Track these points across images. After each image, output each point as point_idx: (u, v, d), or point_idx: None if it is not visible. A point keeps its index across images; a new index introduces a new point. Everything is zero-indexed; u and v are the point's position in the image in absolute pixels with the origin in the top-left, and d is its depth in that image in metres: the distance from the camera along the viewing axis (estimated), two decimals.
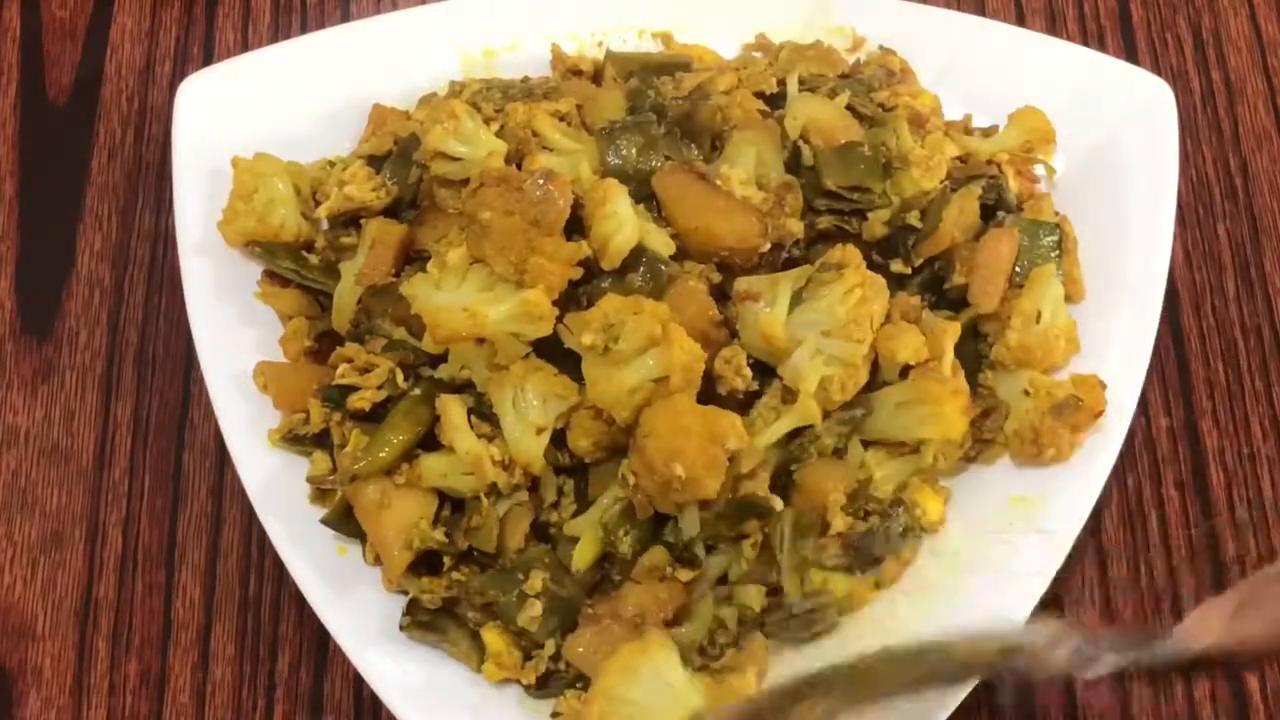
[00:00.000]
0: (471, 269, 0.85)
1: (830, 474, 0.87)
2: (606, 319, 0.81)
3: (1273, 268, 1.06)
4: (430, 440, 0.87)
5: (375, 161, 0.96)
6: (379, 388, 0.88)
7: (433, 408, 0.87)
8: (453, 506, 0.88)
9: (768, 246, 0.88)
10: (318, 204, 0.95)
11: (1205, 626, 0.72)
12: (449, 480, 0.86)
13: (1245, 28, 1.15)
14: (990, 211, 0.96)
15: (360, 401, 0.88)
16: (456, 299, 0.84)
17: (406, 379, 0.88)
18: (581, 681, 0.85)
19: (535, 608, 0.85)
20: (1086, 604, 0.94)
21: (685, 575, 0.86)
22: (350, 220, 0.95)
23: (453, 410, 0.86)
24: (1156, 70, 1.08)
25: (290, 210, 0.95)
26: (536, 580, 0.85)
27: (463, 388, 0.88)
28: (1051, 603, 0.87)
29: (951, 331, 0.89)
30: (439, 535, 0.86)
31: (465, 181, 0.89)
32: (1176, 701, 0.93)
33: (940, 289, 0.93)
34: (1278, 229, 1.08)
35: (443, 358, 0.88)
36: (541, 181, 0.84)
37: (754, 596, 0.86)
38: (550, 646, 0.85)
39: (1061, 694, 0.92)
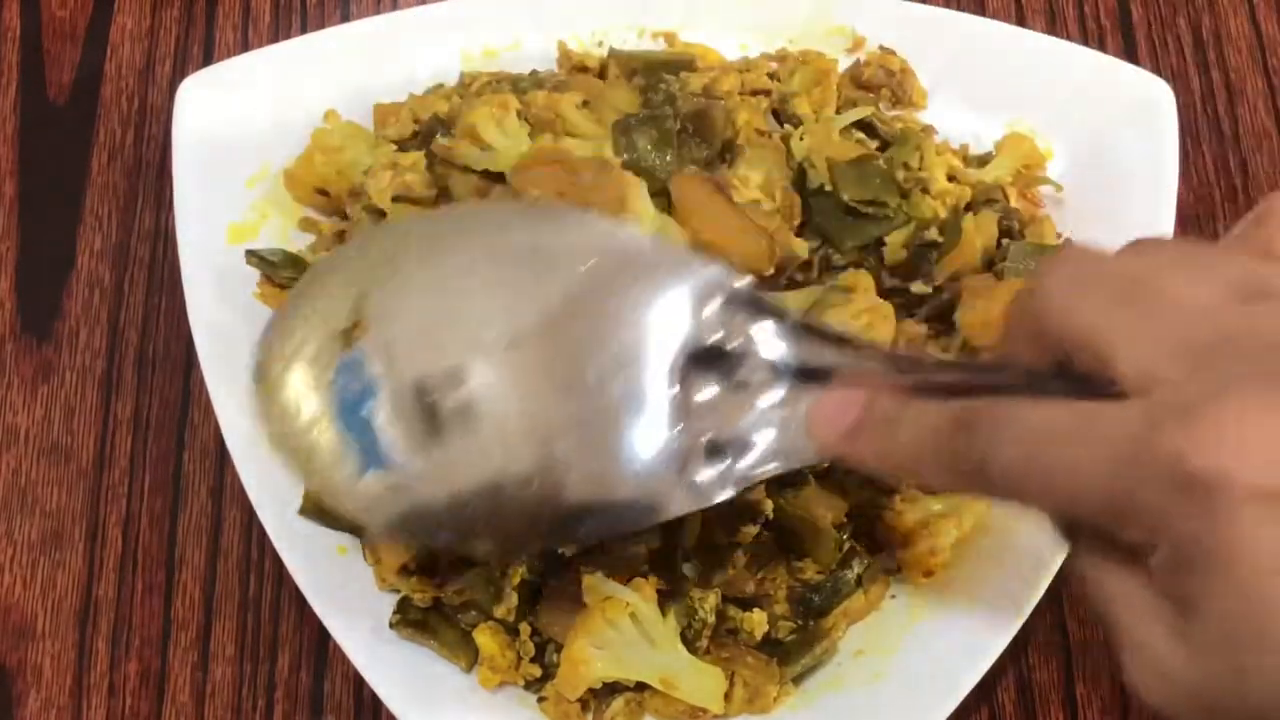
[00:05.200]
0: None
1: (824, 502, 0.86)
2: None
3: None
4: None
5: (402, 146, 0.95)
6: None
7: None
8: None
9: (771, 271, 0.88)
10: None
11: None
12: None
13: (1245, 28, 1.15)
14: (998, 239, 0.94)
15: None
16: None
17: None
18: None
19: (513, 599, 0.84)
20: None
21: (656, 583, 0.85)
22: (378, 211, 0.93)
23: None
24: (1156, 70, 1.07)
25: (361, 178, 0.93)
26: (516, 574, 0.85)
27: None
28: None
29: None
30: None
31: (483, 173, 0.88)
32: None
33: (948, 318, 0.91)
34: None
35: None
36: (596, 171, 0.84)
37: (757, 622, 0.85)
38: (526, 628, 0.85)
39: None
